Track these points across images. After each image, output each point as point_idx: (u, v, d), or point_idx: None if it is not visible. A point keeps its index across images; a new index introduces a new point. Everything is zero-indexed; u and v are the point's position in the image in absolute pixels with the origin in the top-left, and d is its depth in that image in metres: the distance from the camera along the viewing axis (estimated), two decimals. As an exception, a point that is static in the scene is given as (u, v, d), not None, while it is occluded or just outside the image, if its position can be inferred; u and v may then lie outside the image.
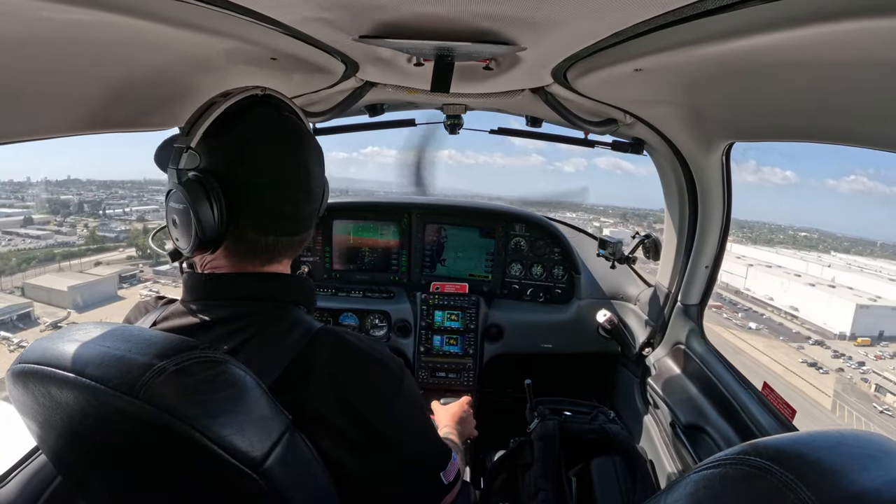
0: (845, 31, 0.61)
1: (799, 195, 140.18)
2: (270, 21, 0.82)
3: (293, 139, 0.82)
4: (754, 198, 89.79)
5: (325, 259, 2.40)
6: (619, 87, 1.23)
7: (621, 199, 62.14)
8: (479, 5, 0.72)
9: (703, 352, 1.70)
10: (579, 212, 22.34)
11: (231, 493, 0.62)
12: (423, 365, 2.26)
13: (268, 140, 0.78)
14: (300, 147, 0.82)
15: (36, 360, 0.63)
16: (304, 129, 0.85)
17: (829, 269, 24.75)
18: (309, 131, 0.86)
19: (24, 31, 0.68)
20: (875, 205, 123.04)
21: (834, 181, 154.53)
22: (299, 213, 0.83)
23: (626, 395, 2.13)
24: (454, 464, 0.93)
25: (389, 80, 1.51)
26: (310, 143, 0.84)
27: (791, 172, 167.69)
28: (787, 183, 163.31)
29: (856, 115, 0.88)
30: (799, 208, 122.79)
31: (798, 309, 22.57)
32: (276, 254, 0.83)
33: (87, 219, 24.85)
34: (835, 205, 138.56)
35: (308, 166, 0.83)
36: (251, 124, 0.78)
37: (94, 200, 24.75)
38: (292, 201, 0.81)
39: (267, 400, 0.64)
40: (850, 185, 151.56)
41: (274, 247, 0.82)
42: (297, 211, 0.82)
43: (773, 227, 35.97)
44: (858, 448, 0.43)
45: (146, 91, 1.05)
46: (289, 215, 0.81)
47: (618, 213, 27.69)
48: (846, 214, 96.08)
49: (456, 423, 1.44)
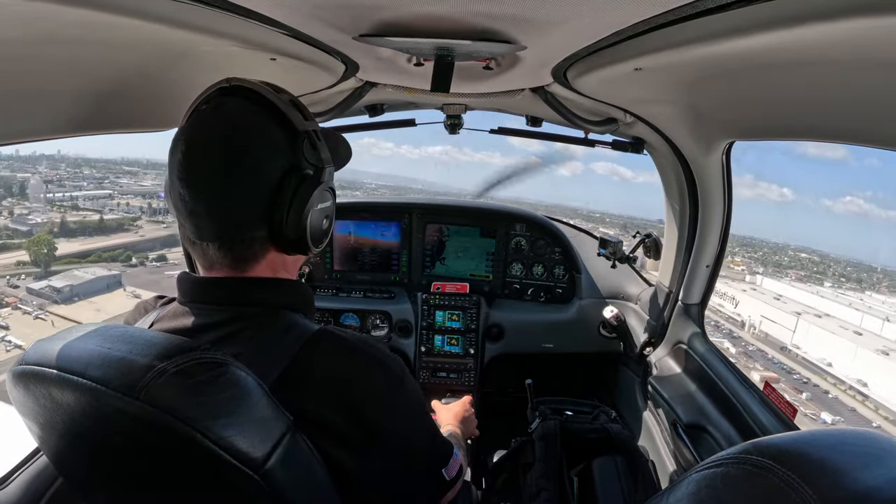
0: (845, 30, 0.61)
1: (795, 212, 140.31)
2: (270, 21, 0.82)
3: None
4: (754, 211, 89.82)
5: (325, 259, 2.40)
6: (619, 86, 1.23)
7: (618, 207, 61.98)
8: (479, 4, 0.72)
9: (705, 351, 1.70)
10: (577, 219, 22.47)
11: (232, 494, 0.62)
12: (424, 365, 2.26)
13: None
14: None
15: (36, 361, 0.63)
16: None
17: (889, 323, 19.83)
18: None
19: (22, 31, 0.68)
20: (871, 227, 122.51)
21: (830, 201, 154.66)
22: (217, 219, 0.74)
23: (627, 395, 2.13)
24: (456, 459, 0.93)
25: (389, 80, 1.51)
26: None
27: (788, 190, 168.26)
28: (784, 200, 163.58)
29: (856, 114, 0.88)
30: (794, 225, 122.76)
31: (867, 384, 17.69)
32: (240, 260, 0.77)
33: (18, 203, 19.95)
34: (831, 224, 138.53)
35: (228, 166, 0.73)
36: None
37: (53, 180, 21.06)
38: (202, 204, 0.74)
39: (268, 401, 0.64)
40: (845, 205, 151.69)
41: (217, 253, 0.76)
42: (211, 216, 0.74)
43: (773, 246, 34.63)
44: (860, 447, 0.43)
45: (145, 92, 1.05)
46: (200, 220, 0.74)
47: (617, 222, 26.30)
48: (842, 235, 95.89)
49: (458, 421, 1.44)
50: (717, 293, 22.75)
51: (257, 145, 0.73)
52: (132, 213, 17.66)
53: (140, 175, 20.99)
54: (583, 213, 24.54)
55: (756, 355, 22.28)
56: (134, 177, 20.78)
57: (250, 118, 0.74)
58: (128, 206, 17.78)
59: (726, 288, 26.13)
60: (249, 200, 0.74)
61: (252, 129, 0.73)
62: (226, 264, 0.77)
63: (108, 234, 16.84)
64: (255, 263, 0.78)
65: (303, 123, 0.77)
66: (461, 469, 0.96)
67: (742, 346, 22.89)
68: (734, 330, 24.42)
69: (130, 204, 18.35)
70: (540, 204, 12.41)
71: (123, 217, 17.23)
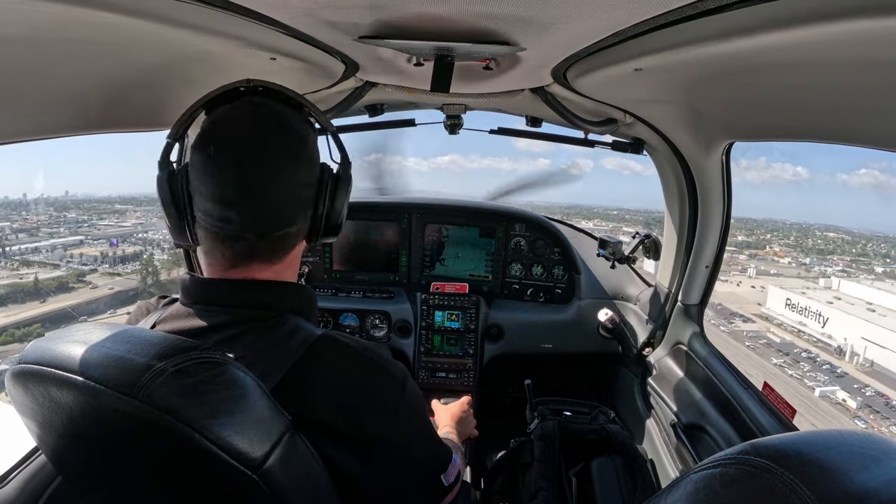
0: (845, 31, 0.61)
1: (812, 191, 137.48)
2: (270, 21, 0.82)
3: None
4: (766, 195, 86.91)
5: (325, 259, 2.40)
6: (618, 86, 1.23)
7: (632, 201, 60.51)
8: (479, 5, 0.72)
9: (704, 352, 1.70)
10: (595, 219, 19.60)
11: (231, 494, 0.62)
12: (424, 365, 2.26)
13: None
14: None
15: (36, 360, 0.63)
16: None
17: None
18: None
19: (25, 30, 0.69)
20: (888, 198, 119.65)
21: (845, 175, 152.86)
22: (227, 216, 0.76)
23: (626, 395, 2.13)
24: (454, 465, 0.93)
25: (389, 80, 1.51)
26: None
27: (802, 168, 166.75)
28: (799, 178, 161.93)
29: (856, 115, 0.88)
30: (812, 204, 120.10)
31: None
32: (279, 251, 0.80)
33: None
34: (850, 201, 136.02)
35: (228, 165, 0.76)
36: None
37: (28, 228, 17.80)
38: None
39: (267, 401, 0.64)
40: (860, 178, 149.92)
41: (256, 245, 0.78)
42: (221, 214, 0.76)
43: (799, 228, 29.77)
44: (859, 448, 0.43)
45: (146, 91, 1.05)
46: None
47: (638, 218, 21.44)
48: (862, 209, 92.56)
49: (455, 422, 1.44)
50: (796, 308, 19.27)
51: (310, 137, 0.81)
52: (89, 265, 14.73)
53: (129, 213, 18.22)
54: (599, 213, 22.23)
55: (877, 403, 15.23)
56: (122, 216, 17.65)
57: (291, 118, 0.80)
58: (81, 257, 14.70)
59: (806, 301, 19.57)
60: (299, 189, 0.80)
61: (294, 129, 0.79)
62: (261, 258, 0.79)
63: (44, 298, 13.45)
64: (284, 256, 0.82)
65: (329, 124, 0.86)
66: (459, 474, 0.97)
67: (858, 391, 15.65)
68: (831, 361, 17.03)
69: (102, 252, 15.39)
70: (555, 206, 11.78)
71: (69, 273, 13.93)
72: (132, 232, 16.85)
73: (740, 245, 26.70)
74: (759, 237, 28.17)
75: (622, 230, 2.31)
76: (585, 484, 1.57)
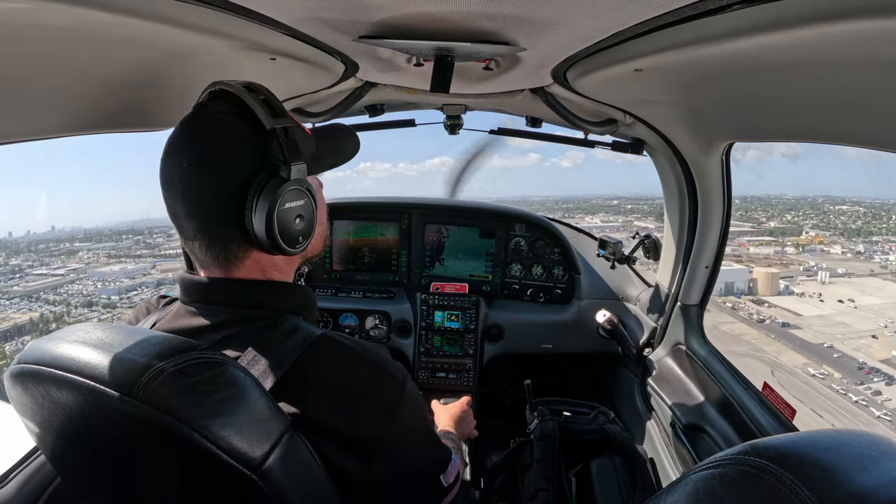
0: (845, 31, 0.61)
1: (806, 161, 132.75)
2: (270, 21, 0.82)
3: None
4: (766, 171, 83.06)
5: (324, 259, 2.40)
6: (618, 87, 1.23)
7: (627, 189, 58.94)
8: (479, 5, 0.72)
9: (704, 352, 1.70)
10: (600, 213, 17.71)
11: (230, 494, 0.62)
12: (423, 365, 2.26)
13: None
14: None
15: (35, 360, 0.63)
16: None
17: None
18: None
19: (25, 31, 0.68)
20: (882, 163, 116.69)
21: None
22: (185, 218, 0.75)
23: (626, 396, 2.13)
24: (454, 465, 0.93)
25: (389, 81, 1.51)
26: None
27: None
28: (793, 152, 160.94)
29: (856, 115, 0.87)
30: (812, 175, 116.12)
31: None
32: (222, 259, 0.77)
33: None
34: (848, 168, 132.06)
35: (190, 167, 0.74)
36: None
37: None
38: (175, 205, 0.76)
39: (266, 401, 0.64)
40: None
41: (201, 252, 0.77)
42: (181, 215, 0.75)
43: (803, 203, 23.08)
44: (858, 448, 0.43)
45: (144, 91, 1.05)
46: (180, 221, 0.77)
47: (644, 208, 18.61)
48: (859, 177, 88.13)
49: (455, 423, 1.44)
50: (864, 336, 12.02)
51: (226, 145, 0.73)
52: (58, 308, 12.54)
53: (120, 239, 16.49)
54: (600, 205, 19.73)
55: None
56: (70, 256, 14.86)
57: (221, 118, 0.74)
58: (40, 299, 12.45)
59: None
60: (219, 199, 0.73)
61: (220, 128, 0.74)
62: (211, 264, 0.78)
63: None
64: (238, 263, 0.78)
65: (271, 121, 0.74)
66: (459, 474, 0.97)
67: None
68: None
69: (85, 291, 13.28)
70: (550, 200, 10.97)
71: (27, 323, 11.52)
72: (59, 283, 14.46)
73: (774, 233, 20.04)
74: (783, 221, 21.23)
75: (633, 224, 2.22)
76: (585, 484, 1.57)
